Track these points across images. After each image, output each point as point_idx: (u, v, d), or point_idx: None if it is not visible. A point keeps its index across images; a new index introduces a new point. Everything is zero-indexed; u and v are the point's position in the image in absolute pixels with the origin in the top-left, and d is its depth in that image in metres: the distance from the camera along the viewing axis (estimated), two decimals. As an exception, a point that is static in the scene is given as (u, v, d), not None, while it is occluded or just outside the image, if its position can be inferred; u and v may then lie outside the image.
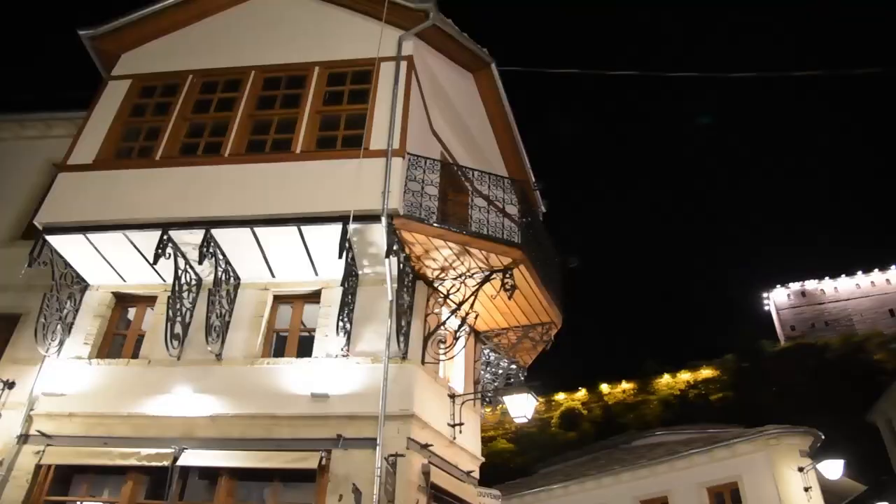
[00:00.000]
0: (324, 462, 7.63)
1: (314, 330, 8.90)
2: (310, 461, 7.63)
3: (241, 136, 9.32)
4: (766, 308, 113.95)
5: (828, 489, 16.45)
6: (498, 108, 11.69)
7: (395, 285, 8.23)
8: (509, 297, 8.82)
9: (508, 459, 70.11)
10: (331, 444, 7.76)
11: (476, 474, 9.76)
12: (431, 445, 8.21)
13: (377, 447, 7.49)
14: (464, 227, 8.86)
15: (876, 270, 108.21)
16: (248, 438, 8.04)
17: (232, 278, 9.11)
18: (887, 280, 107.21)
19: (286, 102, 9.68)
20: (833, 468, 15.62)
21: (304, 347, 8.90)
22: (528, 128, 12.44)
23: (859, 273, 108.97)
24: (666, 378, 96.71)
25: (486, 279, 8.71)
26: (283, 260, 8.95)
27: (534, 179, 12.70)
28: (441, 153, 10.76)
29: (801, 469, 15.62)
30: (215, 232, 8.48)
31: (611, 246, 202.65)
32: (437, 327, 8.99)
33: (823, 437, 16.44)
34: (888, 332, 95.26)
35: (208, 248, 8.42)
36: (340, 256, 8.11)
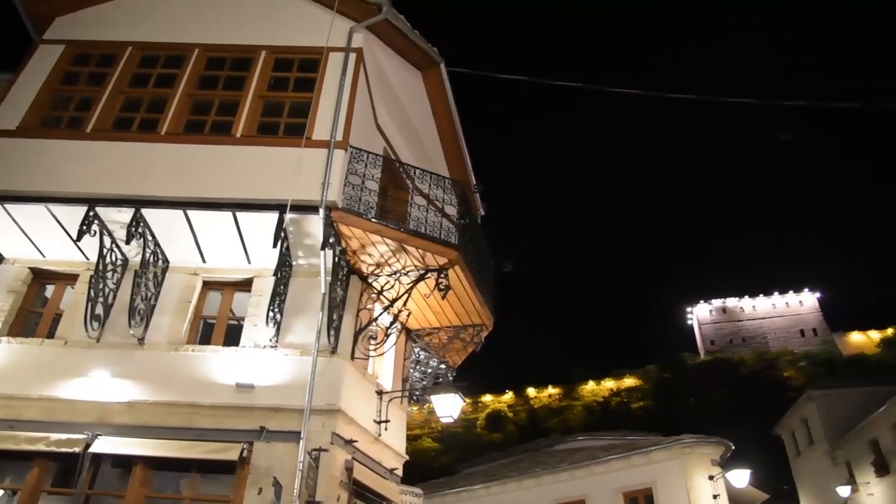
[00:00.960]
0: (245, 454, 7.48)
1: (243, 319, 8.72)
2: (230, 452, 7.46)
3: (179, 114, 9.02)
4: (690, 322, 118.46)
5: (734, 497, 17.26)
6: (444, 108, 11.72)
7: (329, 278, 8.13)
8: (443, 297, 8.87)
9: (433, 458, 70.42)
10: (253, 436, 7.61)
11: (399, 472, 9.77)
12: (356, 441, 8.17)
13: (301, 441, 7.38)
14: (402, 224, 8.85)
15: (791, 293, 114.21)
16: (166, 427, 7.78)
17: (160, 261, 8.82)
18: (800, 302, 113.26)
19: (229, 84, 9.43)
20: (740, 477, 16.43)
21: (232, 336, 8.71)
22: (473, 130, 12.52)
23: (776, 294, 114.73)
24: (591, 385, 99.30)
25: (421, 278, 8.74)
26: (215, 245, 8.73)
27: (475, 182, 12.81)
28: (384, 148, 10.73)
29: (711, 477, 16.32)
30: (146, 212, 8.19)
31: (545, 254, 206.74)
32: (369, 323, 8.96)
33: (733, 447, 17.22)
34: (798, 350, 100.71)
35: (137, 227, 8.11)
36: (275, 246, 7.98)
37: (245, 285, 9.04)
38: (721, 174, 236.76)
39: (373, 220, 8.38)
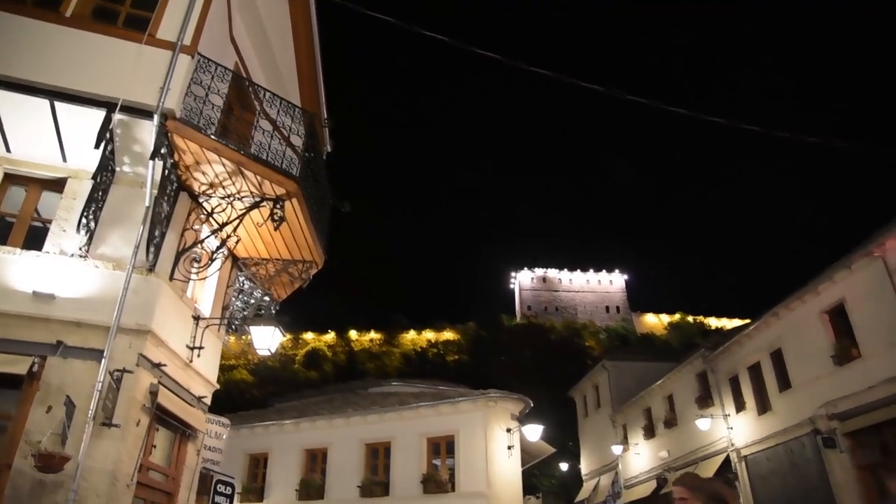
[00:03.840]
0: (35, 368, 6.85)
1: (51, 222, 7.87)
2: (18, 366, 6.77)
3: (-6, -22, 7.78)
4: (512, 286, 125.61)
5: (526, 448, 18.85)
6: (306, 34, 11.19)
7: (156, 192, 7.54)
8: (275, 229, 8.63)
9: (246, 390, 69.22)
10: (48, 350, 6.98)
11: (208, 401, 9.50)
12: (165, 365, 7.80)
13: (103, 360, 6.91)
14: (243, 146, 8.42)
15: (604, 272, 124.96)
16: (-57, 332, 6.91)
17: (-49, 143, 7.68)
18: (610, 281, 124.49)
19: (62, -46, 8.27)
20: (534, 432, 17.98)
21: (35, 239, 7.84)
22: (334, 65, 12.09)
23: (591, 271, 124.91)
24: (411, 334, 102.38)
25: (256, 205, 8.42)
26: (24, 134, 7.73)
27: (326, 116, 12.45)
28: (235, 63, 10.04)
29: (508, 430, 17.65)
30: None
31: (385, 200, 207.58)
32: (194, 244, 8.50)
33: (532, 404, 18.70)
34: (601, 324, 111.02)
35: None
36: (97, 147, 7.24)
37: (56, 185, 8.14)
38: (575, 160, 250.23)
39: (212, 136, 7.86)
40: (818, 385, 16.65)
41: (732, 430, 20.82)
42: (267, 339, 8.92)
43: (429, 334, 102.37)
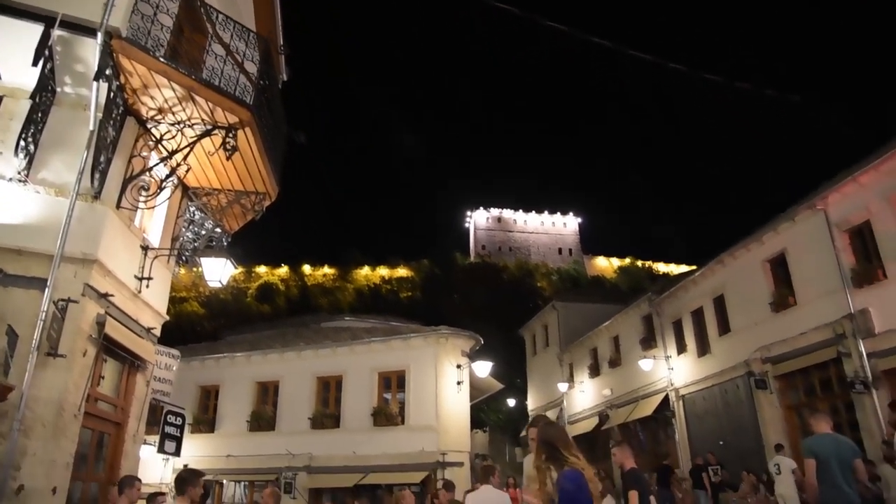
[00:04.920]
0: (-28, 295, 6.61)
1: (-16, 143, 7.45)
2: (-47, 291, 6.54)
3: None
4: (467, 225, 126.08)
5: (475, 384, 19.34)
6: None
7: (100, 115, 7.18)
8: (227, 158, 8.36)
9: (197, 323, 68.73)
10: (-13, 278, 6.73)
11: (157, 332, 9.36)
12: (112, 296, 7.62)
13: (47, 289, 6.69)
14: (194, 71, 8.04)
15: (558, 214, 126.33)
16: None
17: None
18: (564, 224, 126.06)
19: None
20: (483, 368, 18.41)
21: (-33, 160, 7.42)
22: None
23: (545, 213, 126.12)
24: (365, 270, 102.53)
25: (207, 133, 8.12)
26: (-48, 48, 7.22)
27: (282, 43, 11.97)
28: (185, -18, 9.50)
29: (458, 366, 18.03)
30: None
31: (340, 134, 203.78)
32: (142, 172, 8.18)
33: (482, 341, 19.10)
34: (553, 266, 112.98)
35: None
36: (35, 64, 6.81)
37: (-10, 104, 7.67)
38: (533, 103, 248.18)
39: (161, 59, 7.49)
40: (755, 330, 17.43)
41: (673, 370, 21.73)
42: (218, 271, 8.79)
43: (383, 271, 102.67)
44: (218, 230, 10.44)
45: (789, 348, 16.09)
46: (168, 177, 8.73)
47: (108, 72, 7.09)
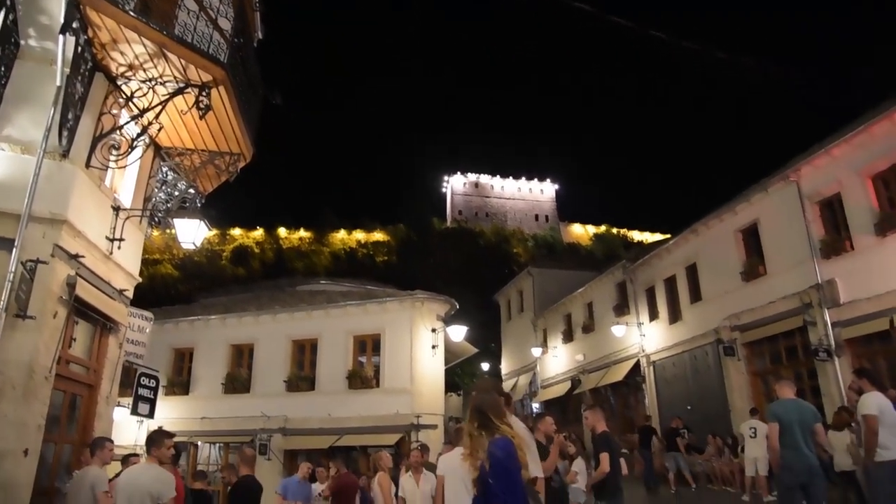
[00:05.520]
0: (-64, 254, 6.44)
1: (-55, 97, 7.18)
2: (-83, 250, 6.37)
3: None
4: (444, 190, 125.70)
5: (450, 348, 19.52)
6: None
7: (68, 70, 6.94)
8: (201, 117, 8.17)
9: (171, 285, 68.14)
10: (-50, 236, 6.55)
11: (130, 294, 9.24)
12: (83, 257, 7.48)
13: (14, 249, 6.53)
14: (166, 26, 7.79)
15: (535, 180, 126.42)
16: None
17: None
18: (541, 190, 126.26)
19: None
20: (458, 332, 18.56)
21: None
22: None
23: (523, 179, 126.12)
24: (342, 233, 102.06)
25: (180, 91, 7.91)
26: None
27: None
28: (156, -68, 9.14)
29: (433, 330, 18.15)
30: None
31: (317, 95, 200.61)
32: (112, 130, 7.97)
33: (458, 306, 19.22)
34: (529, 232, 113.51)
35: None
36: (-3, 16, 6.56)
37: (-49, 56, 7.37)
38: (516, 69, 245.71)
39: (131, 13, 7.23)
40: (725, 299, 17.76)
41: (644, 337, 22.13)
42: (191, 233, 8.66)
43: (359, 235, 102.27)
44: (191, 191, 10.25)
45: (758, 317, 16.45)
46: (139, 136, 8.53)
47: (74, 25, 6.84)
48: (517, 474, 3.57)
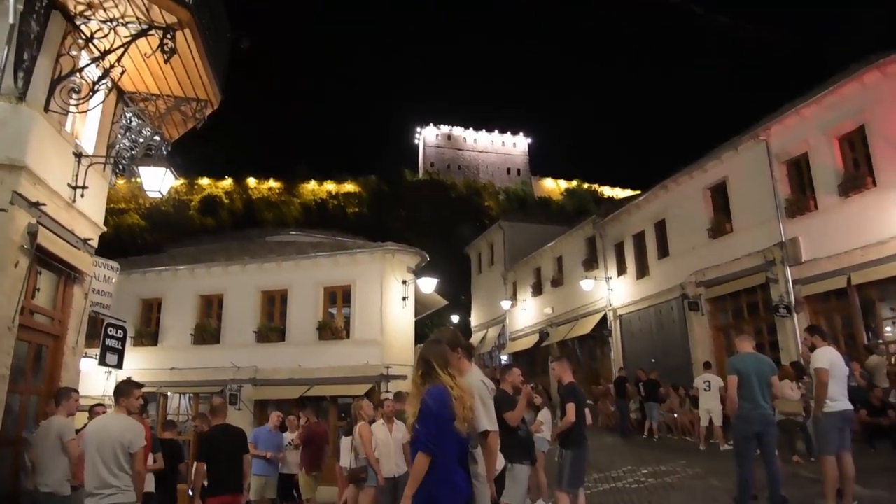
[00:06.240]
0: None
1: None
2: None
3: None
4: (417, 142, 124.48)
5: (420, 300, 19.62)
6: None
7: (21, 7, 6.60)
8: (166, 61, 7.87)
9: (138, 235, 67.12)
10: None
11: (95, 243, 9.04)
12: (44, 205, 7.26)
13: (-29, 196, 6.33)
14: (128, -36, 7.42)
15: (508, 133, 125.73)
16: None
17: None
18: (514, 144, 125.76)
19: None
20: (428, 284, 18.65)
21: None
22: None
23: (496, 132, 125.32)
24: (312, 184, 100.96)
25: (143, 33, 7.59)
26: None
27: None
28: None
29: (404, 282, 18.20)
30: None
31: (288, 40, 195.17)
32: (72, 73, 7.65)
33: (428, 258, 19.24)
34: (501, 185, 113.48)
35: None
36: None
37: None
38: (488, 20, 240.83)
39: (89, -52, 6.88)
40: (692, 255, 18.09)
41: (612, 291, 22.51)
42: (157, 181, 8.44)
43: (330, 185, 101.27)
44: (157, 138, 9.96)
45: (722, 273, 16.82)
46: (101, 79, 8.20)
47: (28, -41, 6.49)
48: (446, 424, 3.49)
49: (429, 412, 3.51)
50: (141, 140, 9.75)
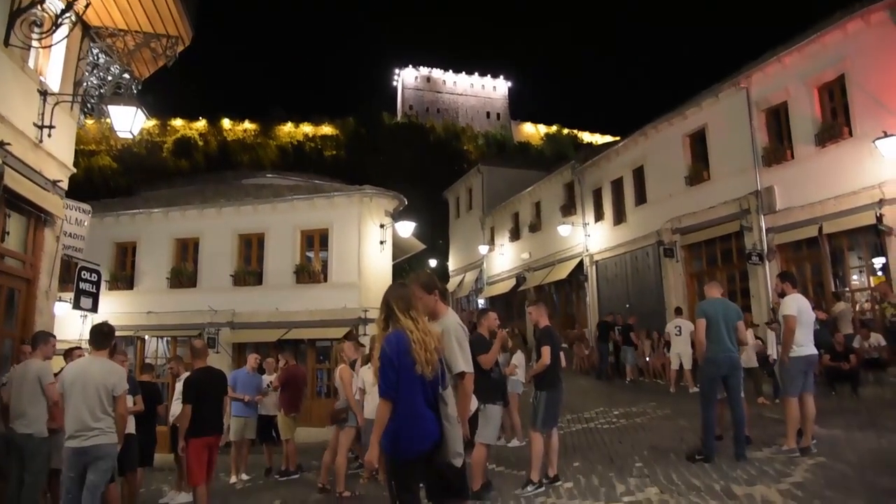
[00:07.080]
0: None
1: None
2: None
3: None
4: (395, 84, 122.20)
5: (398, 244, 19.62)
6: None
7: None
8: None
9: (110, 177, 65.72)
10: None
11: (65, 185, 8.82)
12: (9, 145, 7.04)
13: (-70, 133, 6.11)
14: None
15: (488, 76, 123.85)
16: None
17: None
18: (494, 87, 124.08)
19: None
20: (406, 228, 18.62)
21: None
22: None
23: (475, 75, 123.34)
24: (289, 126, 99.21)
25: (109, -36, 7.27)
26: None
27: None
28: None
29: (382, 226, 18.15)
30: None
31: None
32: (33, 5, 7.29)
33: (406, 202, 19.15)
34: (480, 129, 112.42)
35: None
36: None
37: None
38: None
39: None
40: (669, 202, 18.21)
41: (589, 237, 22.68)
42: (128, 121, 8.18)
43: (307, 128, 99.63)
44: (126, 76, 9.63)
45: (698, 220, 17.00)
46: (64, 12, 7.84)
47: None
48: (405, 370, 3.44)
49: (385, 359, 3.48)
50: (109, 78, 9.43)
